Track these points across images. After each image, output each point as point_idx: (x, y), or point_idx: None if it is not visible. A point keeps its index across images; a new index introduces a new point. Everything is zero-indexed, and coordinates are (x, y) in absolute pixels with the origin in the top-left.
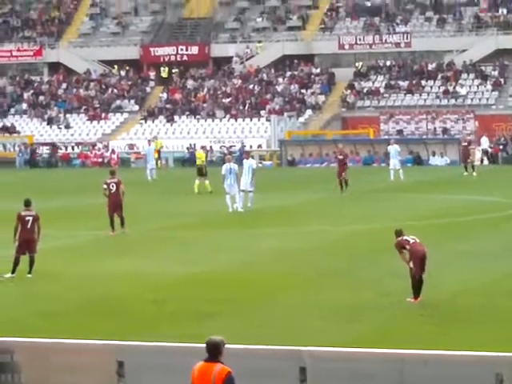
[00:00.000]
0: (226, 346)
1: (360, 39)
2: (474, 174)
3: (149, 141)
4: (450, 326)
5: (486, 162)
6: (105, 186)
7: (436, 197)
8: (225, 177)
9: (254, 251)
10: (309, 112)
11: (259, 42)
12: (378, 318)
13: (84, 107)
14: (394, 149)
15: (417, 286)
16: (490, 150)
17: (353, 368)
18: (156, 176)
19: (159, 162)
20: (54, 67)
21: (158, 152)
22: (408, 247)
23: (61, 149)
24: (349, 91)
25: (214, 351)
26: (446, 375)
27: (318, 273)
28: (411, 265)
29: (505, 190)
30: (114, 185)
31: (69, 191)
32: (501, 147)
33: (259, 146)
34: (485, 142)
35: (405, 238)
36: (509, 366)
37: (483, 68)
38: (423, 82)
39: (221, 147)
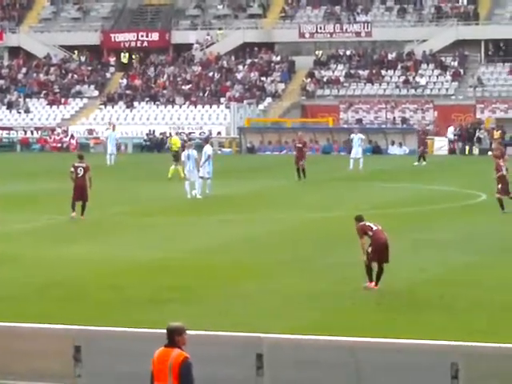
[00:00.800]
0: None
1: (320, 28)
2: (423, 163)
3: (113, 125)
4: (407, 314)
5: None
6: (72, 170)
7: (394, 186)
8: (184, 163)
9: (212, 238)
10: (268, 100)
11: (220, 29)
12: (336, 305)
13: (44, 92)
14: (357, 137)
15: (378, 274)
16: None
17: (309, 355)
18: (113, 162)
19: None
20: (15, 52)
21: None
22: (370, 233)
23: None
24: (309, 79)
25: (172, 337)
26: (402, 364)
27: (276, 260)
28: (369, 250)
29: (462, 180)
30: (82, 169)
31: (28, 175)
32: (455, 137)
33: (218, 133)
34: (451, 132)
35: (367, 223)
36: (464, 356)
37: (443, 58)
38: (383, 72)
39: (180, 133)
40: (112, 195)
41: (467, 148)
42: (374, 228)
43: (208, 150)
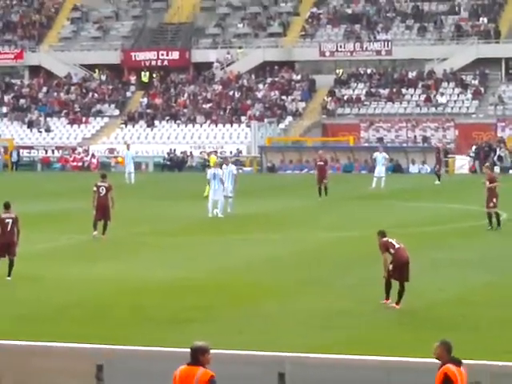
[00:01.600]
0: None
1: (341, 46)
2: (436, 182)
3: (128, 145)
4: (430, 334)
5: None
6: (94, 189)
7: (415, 205)
8: (209, 182)
9: (233, 258)
10: (289, 119)
11: (240, 47)
12: (357, 325)
13: (64, 111)
14: (381, 156)
15: (399, 293)
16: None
17: (331, 374)
18: (133, 181)
19: None
20: (35, 71)
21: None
22: (392, 251)
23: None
24: (329, 98)
25: (196, 355)
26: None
27: (297, 280)
28: (390, 267)
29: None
30: (104, 188)
31: (49, 194)
32: (471, 155)
33: (239, 152)
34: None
35: (390, 240)
36: (488, 375)
37: (463, 77)
38: (404, 90)
39: (201, 153)
40: (133, 214)
41: None
42: (397, 246)
43: (232, 169)
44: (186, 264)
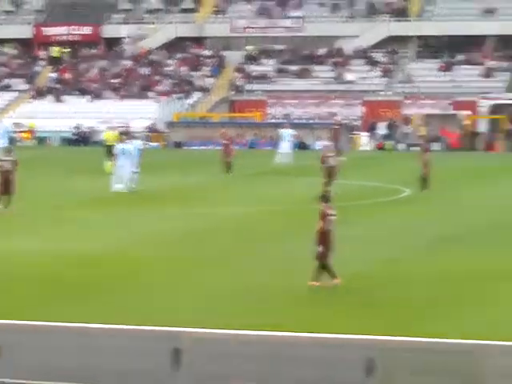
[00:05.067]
0: (105, 326)
1: (252, 23)
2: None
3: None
4: (324, 308)
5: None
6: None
7: (320, 181)
8: (116, 157)
9: (137, 232)
10: (198, 94)
11: (152, 23)
12: (257, 299)
13: None
14: (287, 132)
15: (326, 269)
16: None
17: (231, 350)
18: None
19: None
20: None
21: (32, 132)
22: (323, 225)
23: None
24: (238, 74)
25: None
26: (320, 358)
27: (202, 256)
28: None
29: (388, 176)
30: (9, 163)
31: None
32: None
33: (147, 128)
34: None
35: (329, 212)
36: (381, 351)
37: (373, 54)
38: (313, 67)
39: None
40: (37, 188)
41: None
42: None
43: (138, 144)
44: (87, 237)
